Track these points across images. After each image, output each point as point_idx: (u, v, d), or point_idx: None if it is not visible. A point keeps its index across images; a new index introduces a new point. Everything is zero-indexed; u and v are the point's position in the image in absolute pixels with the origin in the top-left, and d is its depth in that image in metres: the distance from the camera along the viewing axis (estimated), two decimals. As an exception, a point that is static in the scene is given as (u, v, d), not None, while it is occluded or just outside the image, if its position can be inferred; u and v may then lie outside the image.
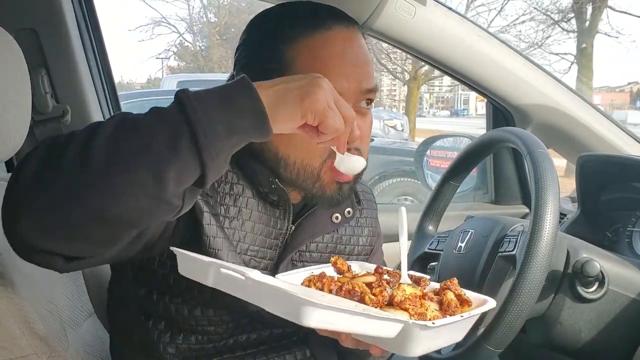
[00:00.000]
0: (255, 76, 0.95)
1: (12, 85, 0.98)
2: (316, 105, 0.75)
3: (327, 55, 0.96)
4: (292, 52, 0.97)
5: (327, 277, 0.89)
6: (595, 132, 1.81)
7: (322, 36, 0.97)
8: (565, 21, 13.81)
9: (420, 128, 15.79)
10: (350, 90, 0.97)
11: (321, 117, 0.76)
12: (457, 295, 0.88)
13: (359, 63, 0.99)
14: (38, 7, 1.59)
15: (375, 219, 1.26)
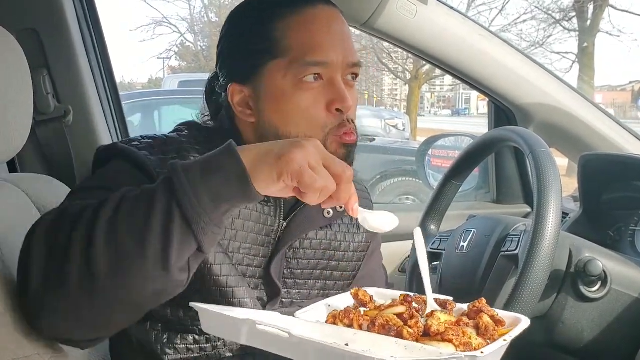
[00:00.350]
0: (243, 61, 1.01)
1: (14, 86, 0.98)
2: (291, 165, 0.76)
3: (316, 29, 1.00)
4: (281, 29, 1.00)
5: (354, 312, 0.86)
6: (597, 131, 1.81)
7: (309, 12, 1.01)
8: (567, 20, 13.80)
9: (422, 127, 15.78)
10: (339, 62, 1.00)
11: (297, 177, 0.76)
12: (491, 316, 0.85)
13: (345, 38, 1.03)
14: (39, 8, 1.59)
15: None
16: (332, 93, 0.99)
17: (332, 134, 1.00)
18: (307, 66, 0.98)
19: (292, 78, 0.99)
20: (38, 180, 1.30)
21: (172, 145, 1.00)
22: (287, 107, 0.99)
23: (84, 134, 1.65)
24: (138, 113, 6.16)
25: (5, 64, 0.95)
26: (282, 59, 0.99)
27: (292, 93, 0.99)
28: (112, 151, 1.00)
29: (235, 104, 1.04)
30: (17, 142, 1.03)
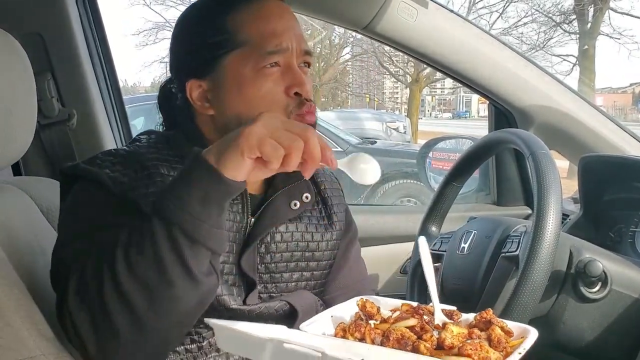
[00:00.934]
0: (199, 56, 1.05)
1: (18, 90, 0.99)
2: (250, 138, 0.79)
3: (270, 20, 1.04)
4: (235, 20, 1.05)
5: (365, 325, 0.85)
6: (598, 133, 1.81)
7: (261, 5, 1.06)
8: (567, 23, 13.81)
9: (423, 130, 15.78)
10: (294, 49, 1.05)
11: (259, 147, 0.79)
12: (501, 327, 0.85)
13: (296, 27, 1.08)
14: (43, 12, 1.60)
15: (343, 212, 1.24)
16: (290, 78, 1.04)
17: (294, 113, 1.04)
18: (266, 55, 1.02)
19: (252, 67, 1.02)
20: (42, 183, 1.31)
21: (131, 159, 1.02)
22: (249, 94, 1.03)
23: (88, 137, 1.66)
24: (141, 116, 6.15)
25: (9, 68, 0.95)
26: (241, 50, 1.03)
27: (253, 80, 1.03)
28: (75, 171, 1.01)
29: (195, 99, 1.07)
30: (21, 145, 1.04)
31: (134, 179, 0.98)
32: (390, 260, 1.96)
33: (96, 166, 0.99)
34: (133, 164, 1.01)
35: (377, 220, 1.96)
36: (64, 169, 1.03)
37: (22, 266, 0.96)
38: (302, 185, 1.14)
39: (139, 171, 1.00)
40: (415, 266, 1.57)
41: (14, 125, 0.98)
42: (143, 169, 1.00)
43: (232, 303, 1.03)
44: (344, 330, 0.86)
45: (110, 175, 0.98)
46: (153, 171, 1.00)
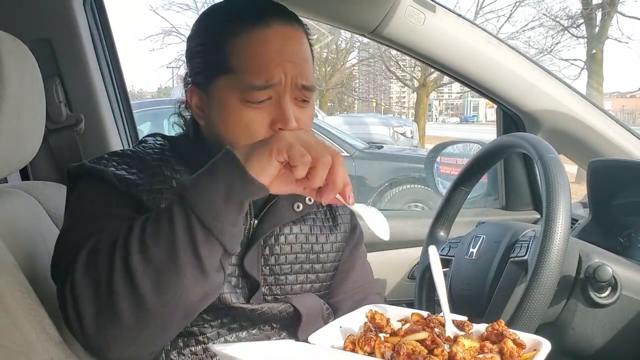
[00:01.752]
0: (200, 68, 1.05)
1: (27, 94, 1.00)
2: (280, 141, 0.82)
3: (264, 52, 1.00)
4: (233, 45, 1.02)
5: (375, 338, 0.85)
6: (606, 137, 1.80)
7: (261, 32, 1.01)
8: (575, 27, 13.78)
9: (430, 135, 15.77)
10: (287, 84, 1.01)
11: (287, 151, 0.81)
12: (513, 340, 0.85)
13: (297, 60, 1.02)
14: (52, 18, 1.61)
15: (348, 214, 1.24)
16: (277, 113, 1.01)
17: None
18: (253, 90, 1.00)
19: (238, 96, 1.01)
20: (50, 187, 1.32)
21: (137, 159, 1.04)
22: (231, 120, 1.02)
23: (96, 142, 1.67)
24: (148, 121, 6.19)
25: (18, 73, 0.96)
26: (231, 75, 1.01)
27: (237, 108, 1.01)
28: (80, 170, 1.02)
29: (193, 106, 1.08)
30: (30, 150, 1.05)
31: (137, 176, 1.00)
32: (397, 265, 1.96)
33: (102, 165, 1.01)
34: (137, 163, 1.03)
35: (384, 225, 1.95)
36: (71, 169, 1.04)
37: (31, 270, 0.97)
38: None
39: (144, 170, 1.02)
40: (423, 272, 1.57)
41: (23, 130, 0.99)
42: (147, 168, 1.02)
43: (234, 301, 1.03)
44: (353, 343, 0.86)
45: (115, 173, 0.99)
46: (156, 171, 1.02)
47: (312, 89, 1.05)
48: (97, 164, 1.01)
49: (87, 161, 1.03)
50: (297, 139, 0.82)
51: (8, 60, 0.91)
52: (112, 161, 1.03)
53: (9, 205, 1.06)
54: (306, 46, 1.06)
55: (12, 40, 0.98)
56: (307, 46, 1.06)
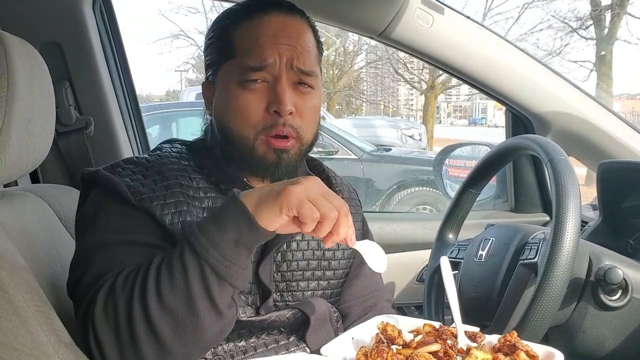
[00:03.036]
0: (210, 62, 1.09)
1: (37, 98, 1.00)
2: (291, 198, 0.84)
3: (260, 35, 1.04)
4: (234, 33, 1.07)
5: (386, 350, 0.85)
6: (616, 139, 1.79)
7: (259, 19, 1.06)
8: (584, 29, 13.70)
9: (438, 137, 15.73)
10: (282, 65, 1.03)
11: (297, 208, 0.84)
12: (526, 352, 0.85)
13: (292, 43, 1.05)
14: (62, 22, 1.62)
15: (360, 222, 1.26)
16: (272, 96, 1.03)
17: (261, 134, 1.04)
18: (247, 70, 1.03)
19: (236, 79, 1.04)
20: (60, 190, 1.32)
21: (152, 168, 1.04)
22: (229, 105, 1.05)
23: (105, 144, 1.67)
24: (156, 125, 6.22)
25: (29, 76, 0.96)
26: (231, 61, 1.05)
27: (235, 92, 1.04)
28: (95, 178, 1.03)
29: (206, 100, 1.12)
30: (40, 153, 1.05)
31: (152, 189, 1.00)
32: (406, 268, 1.95)
33: (117, 174, 1.01)
34: (153, 174, 1.03)
35: (393, 227, 1.95)
36: (86, 174, 1.05)
37: (41, 273, 0.97)
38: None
39: (158, 182, 1.02)
40: (432, 274, 1.57)
41: (34, 133, 0.99)
42: (162, 179, 1.02)
43: (241, 316, 1.03)
44: (366, 355, 0.86)
45: (130, 184, 0.99)
46: (172, 182, 1.02)
47: (311, 73, 1.06)
48: (112, 173, 1.01)
49: (103, 168, 1.04)
50: (306, 195, 0.84)
51: (19, 64, 0.92)
52: (128, 170, 1.03)
53: (20, 208, 1.07)
54: (307, 36, 1.08)
55: (23, 44, 0.98)
56: (308, 36, 1.09)
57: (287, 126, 1.03)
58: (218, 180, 1.07)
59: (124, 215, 0.98)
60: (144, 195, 0.99)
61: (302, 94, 1.06)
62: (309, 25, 1.10)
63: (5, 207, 1.00)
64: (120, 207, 0.98)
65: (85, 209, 1.03)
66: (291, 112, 1.03)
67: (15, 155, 0.93)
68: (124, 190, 0.98)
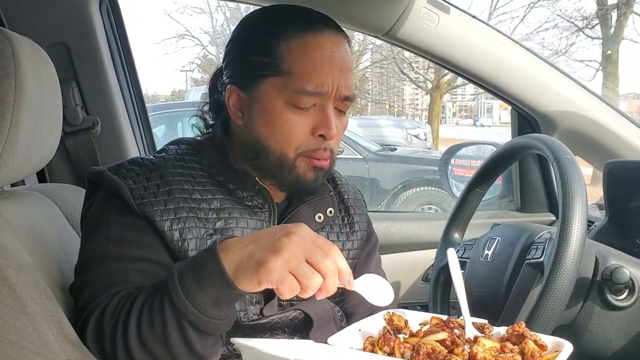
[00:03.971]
0: (244, 68, 1.06)
1: (44, 97, 1.01)
2: (271, 275, 0.81)
3: (316, 57, 1.02)
4: (284, 48, 1.02)
5: (394, 339, 0.85)
6: (623, 138, 1.79)
7: (313, 37, 1.03)
8: (590, 28, 13.64)
9: (444, 137, 15.71)
10: (333, 93, 1.03)
11: (277, 284, 0.81)
12: (534, 341, 0.84)
13: (344, 69, 1.04)
14: (69, 22, 1.63)
15: (365, 222, 1.25)
16: (320, 120, 1.03)
17: (303, 155, 1.04)
18: (302, 94, 1.01)
19: (285, 98, 1.02)
20: (66, 189, 1.33)
21: (156, 171, 1.04)
22: (274, 123, 1.03)
23: (112, 144, 1.68)
24: (162, 124, 6.23)
25: (36, 76, 0.97)
26: (281, 78, 1.02)
27: (281, 112, 1.02)
28: (99, 178, 1.03)
29: (230, 105, 1.08)
30: (47, 153, 1.06)
31: (153, 193, 1.00)
32: (411, 267, 1.95)
33: (120, 176, 1.01)
34: (156, 177, 1.03)
35: (398, 227, 1.96)
36: (90, 174, 1.05)
37: (48, 271, 0.98)
38: (327, 199, 1.16)
39: (161, 186, 1.01)
40: (438, 274, 1.56)
41: (41, 133, 1.00)
42: (165, 184, 1.02)
43: (243, 320, 1.03)
44: (373, 344, 0.86)
45: (132, 187, 0.99)
46: (174, 187, 1.02)
47: (352, 99, 1.06)
48: (116, 174, 1.02)
49: (108, 168, 1.04)
50: (288, 266, 0.81)
51: (26, 64, 0.92)
52: (132, 172, 1.03)
53: (27, 207, 1.07)
54: (351, 55, 1.08)
55: (30, 44, 0.99)
56: (351, 55, 1.08)
57: (328, 150, 1.05)
58: (226, 180, 1.07)
59: (124, 226, 0.98)
60: (144, 199, 0.99)
61: (340, 116, 1.07)
62: (348, 42, 1.09)
63: (13, 205, 1.01)
64: (121, 217, 0.99)
65: (89, 213, 1.04)
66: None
67: (23, 155, 0.94)
68: (126, 193, 0.99)
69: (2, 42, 0.90)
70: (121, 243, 0.97)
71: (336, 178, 1.24)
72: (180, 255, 0.99)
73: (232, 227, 1.04)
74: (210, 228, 1.02)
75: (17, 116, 0.90)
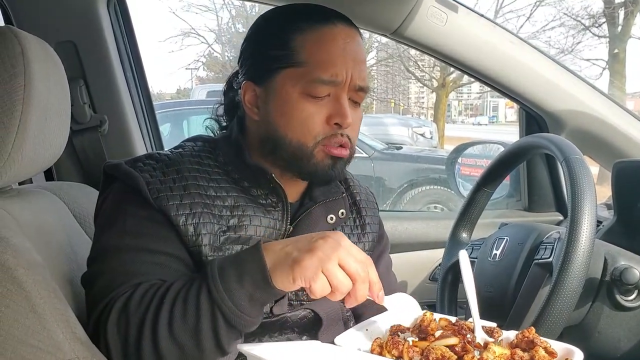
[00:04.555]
0: (260, 63, 1.07)
1: (53, 96, 1.01)
2: (305, 272, 0.84)
3: (331, 48, 1.04)
4: (300, 40, 1.05)
5: (402, 342, 0.85)
6: (631, 138, 1.78)
7: (328, 30, 1.06)
8: (597, 26, 13.59)
9: (449, 135, 15.68)
10: (347, 82, 1.05)
11: (310, 282, 0.84)
12: (544, 348, 0.84)
13: (358, 60, 1.07)
14: (77, 21, 1.63)
15: (376, 224, 1.27)
16: (335, 108, 1.05)
17: (321, 144, 1.05)
18: (318, 83, 1.03)
19: (300, 89, 1.04)
20: (74, 188, 1.33)
21: (172, 166, 1.04)
22: (290, 113, 1.05)
23: (119, 142, 1.68)
24: (167, 123, 6.24)
25: (45, 74, 0.97)
26: (296, 69, 1.04)
27: (297, 102, 1.04)
28: (116, 171, 1.04)
29: (246, 101, 1.10)
30: (55, 151, 1.06)
31: (170, 188, 1.00)
32: (419, 267, 1.95)
33: (137, 169, 1.02)
34: (172, 172, 1.03)
35: (405, 226, 1.95)
36: (107, 167, 1.06)
37: (57, 269, 0.98)
38: (339, 201, 1.17)
39: (177, 181, 1.02)
40: (445, 273, 1.56)
41: (49, 131, 1.00)
42: (181, 179, 1.02)
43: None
44: (381, 346, 0.85)
45: (149, 181, 1.00)
46: (190, 182, 1.03)
47: (366, 90, 1.09)
48: (133, 167, 1.02)
49: (125, 162, 1.04)
50: (322, 266, 0.84)
51: (35, 62, 0.92)
52: (149, 166, 1.04)
53: (35, 206, 1.07)
54: (363, 48, 1.10)
55: (39, 43, 0.99)
56: (364, 48, 1.10)
57: (345, 136, 1.06)
58: (241, 178, 1.08)
59: (141, 219, 0.99)
60: (161, 193, 0.99)
61: (354, 107, 1.09)
62: (361, 36, 1.12)
63: (21, 204, 1.01)
64: (138, 210, 0.99)
65: (104, 206, 1.04)
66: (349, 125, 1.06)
67: (32, 153, 0.94)
68: (142, 186, 0.99)
69: (11, 40, 0.90)
70: (138, 235, 0.98)
71: (348, 179, 1.25)
72: (195, 250, 0.99)
73: (246, 224, 1.04)
74: (223, 225, 1.03)
75: (26, 114, 0.90)
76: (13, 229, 0.87)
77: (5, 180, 0.93)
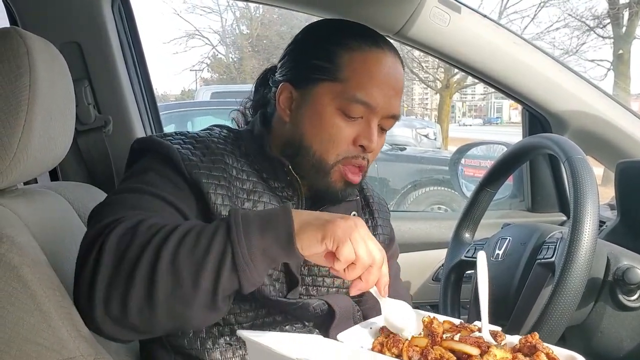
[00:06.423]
0: (303, 69, 1.10)
1: (58, 96, 1.01)
2: (336, 231, 0.83)
3: (375, 72, 1.07)
4: (345, 57, 1.08)
5: (403, 341, 0.86)
6: (634, 138, 1.78)
7: (375, 54, 1.09)
8: (601, 27, 13.56)
9: (453, 137, 15.67)
10: (383, 109, 1.08)
11: (338, 243, 0.83)
12: (547, 354, 0.84)
13: (397, 89, 1.10)
14: (82, 22, 1.64)
15: (388, 227, 1.30)
16: (364, 131, 1.08)
17: (341, 163, 1.08)
18: (355, 103, 1.06)
19: (337, 105, 1.07)
20: (79, 188, 1.34)
21: (201, 142, 1.08)
22: (320, 126, 1.07)
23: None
24: (172, 124, 6.25)
25: (50, 75, 0.97)
26: (336, 84, 1.07)
27: (330, 116, 1.07)
28: (146, 144, 1.07)
29: (280, 100, 1.12)
30: (59, 151, 1.07)
31: (200, 159, 1.03)
32: (422, 267, 1.95)
33: (168, 141, 1.04)
34: (202, 147, 1.06)
35: (408, 227, 1.96)
36: (137, 141, 1.08)
37: (61, 268, 0.98)
38: (352, 203, 1.20)
39: (207, 154, 1.05)
40: (448, 274, 1.56)
41: (54, 132, 1.00)
42: (210, 154, 1.05)
43: (272, 294, 1.05)
44: (382, 344, 0.86)
45: (181, 151, 1.02)
46: (219, 158, 1.05)
47: (397, 119, 1.11)
48: (164, 140, 1.05)
49: (155, 135, 1.07)
50: (350, 233, 0.84)
51: (40, 62, 0.93)
52: (179, 139, 1.07)
53: (41, 205, 1.08)
54: (403, 79, 1.13)
55: (44, 43, 1.00)
56: (404, 79, 1.13)
57: (365, 160, 1.09)
58: (261, 169, 1.11)
59: (169, 179, 1.00)
60: (192, 161, 1.01)
61: (380, 133, 1.12)
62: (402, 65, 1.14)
63: (27, 203, 1.02)
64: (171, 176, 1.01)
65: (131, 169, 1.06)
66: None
67: (37, 153, 0.95)
68: (175, 155, 1.01)
69: (17, 40, 0.91)
70: (158, 187, 0.98)
71: (362, 183, 1.26)
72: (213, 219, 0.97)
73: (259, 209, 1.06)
74: (238, 207, 1.04)
75: (31, 114, 0.90)
76: (18, 228, 0.88)
77: (10, 180, 0.94)
